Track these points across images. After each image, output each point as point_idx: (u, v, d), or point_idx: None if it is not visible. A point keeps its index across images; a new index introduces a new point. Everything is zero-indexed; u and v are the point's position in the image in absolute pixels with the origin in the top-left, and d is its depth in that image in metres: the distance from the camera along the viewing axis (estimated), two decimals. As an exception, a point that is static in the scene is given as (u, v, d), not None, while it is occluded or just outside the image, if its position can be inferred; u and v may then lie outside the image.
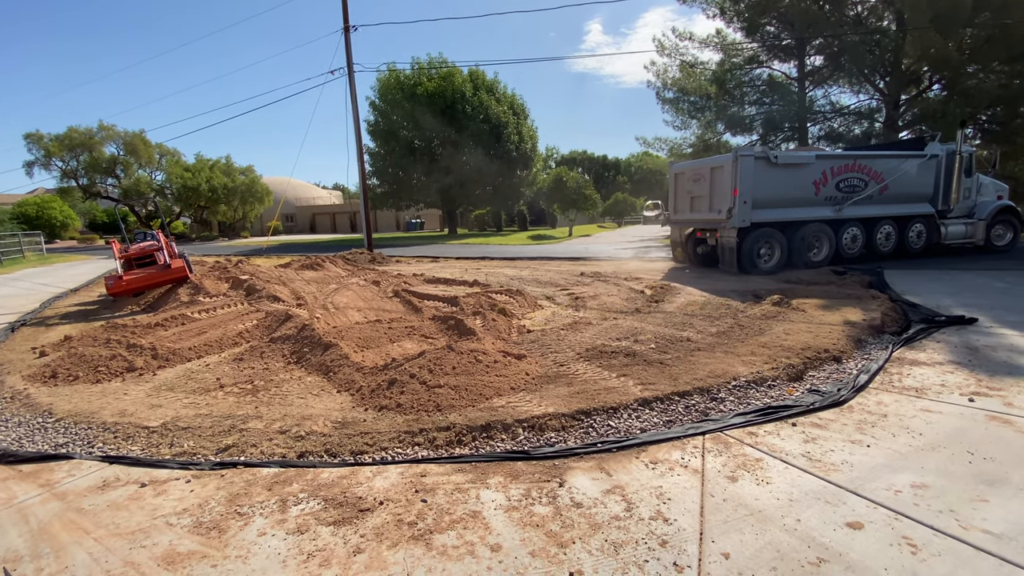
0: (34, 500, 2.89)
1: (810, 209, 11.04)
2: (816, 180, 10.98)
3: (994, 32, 17.16)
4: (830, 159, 11.27)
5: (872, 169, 11.42)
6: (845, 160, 11.35)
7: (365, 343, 5.66)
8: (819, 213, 11.11)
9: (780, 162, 10.54)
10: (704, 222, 11.57)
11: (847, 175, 11.23)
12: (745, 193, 10.27)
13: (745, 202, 10.30)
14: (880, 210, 11.71)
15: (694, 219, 11.91)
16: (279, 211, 43.56)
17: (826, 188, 11.11)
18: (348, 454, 3.33)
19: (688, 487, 2.77)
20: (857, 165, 11.31)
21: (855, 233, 11.63)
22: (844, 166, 11.21)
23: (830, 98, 24.19)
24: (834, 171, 11.10)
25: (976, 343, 5.19)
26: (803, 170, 10.88)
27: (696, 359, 4.78)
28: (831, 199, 11.22)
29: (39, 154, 39.87)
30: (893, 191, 11.67)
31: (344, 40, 19.80)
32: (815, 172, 10.95)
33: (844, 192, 11.29)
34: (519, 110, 35.34)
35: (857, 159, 11.41)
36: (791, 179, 10.78)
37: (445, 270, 13.37)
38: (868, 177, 11.43)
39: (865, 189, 11.41)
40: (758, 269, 10.68)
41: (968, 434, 3.28)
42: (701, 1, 23.01)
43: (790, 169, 10.74)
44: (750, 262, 10.65)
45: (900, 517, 2.44)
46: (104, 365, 5.28)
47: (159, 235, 11.48)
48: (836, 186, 11.18)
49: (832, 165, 11.11)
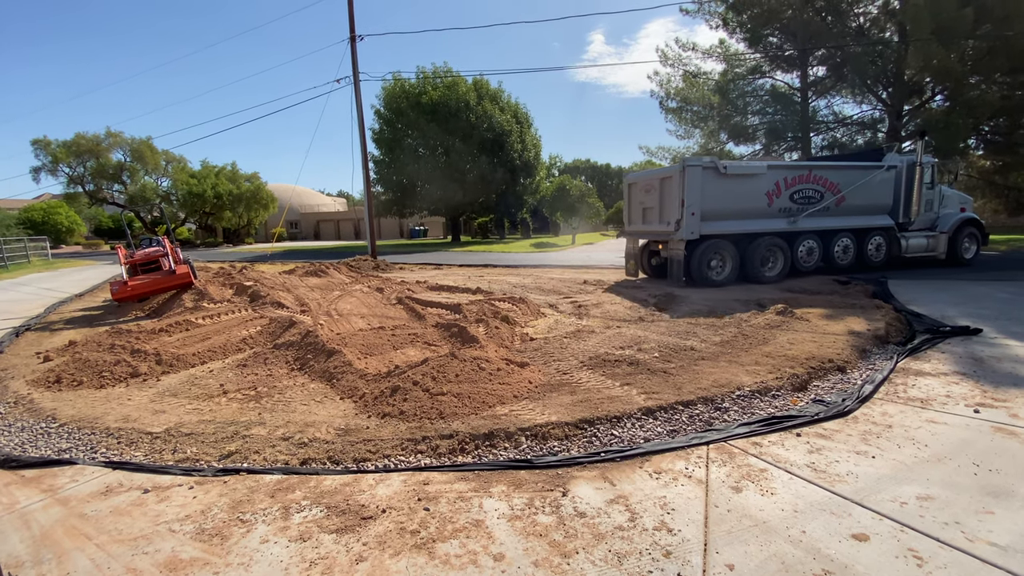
0: (36, 506, 2.90)
1: (763, 221, 10.72)
2: (769, 191, 10.65)
3: (996, 43, 17.23)
4: (783, 169, 10.97)
5: (828, 180, 11.14)
6: (799, 171, 11.04)
7: (368, 350, 5.67)
8: (773, 225, 10.77)
9: (729, 172, 10.23)
10: (654, 234, 11.29)
11: (802, 186, 10.92)
12: (693, 204, 9.97)
13: (693, 213, 9.99)
14: (837, 222, 11.40)
15: (645, 231, 11.62)
16: (283, 218, 43.82)
17: (780, 199, 10.77)
18: (351, 461, 3.33)
19: (692, 497, 2.76)
20: (812, 176, 11.02)
21: (811, 246, 11.27)
22: (798, 177, 10.90)
23: (833, 108, 24.32)
24: (788, 182, 10.78)
25: (981, 354, 5.17)
26: (754, 181, 10.54)
27: (700, 368, 4.77)
28: (785, 211, 10.88)
29: (46, 160, 40.23)
30: (851, 203, 11.38)
31: (350, 49, 19.99)
32: (767, 183, 10.61)
33: (799, 204, 10.97)
34: (523, 119, 35.51)
35: (812, 170, 11.12)
36: (742, 190, 10.45)
37: (448, 277, 13.40)
38: (824, 188, 11.13)
39: (821, 200, 11.11)
40: (708, 282, 10.33)
41: (973, 445, 3.25)
42: (704, 12, 23.21)
43: (740, 180, 10.42)
44: (699, 275, 10.30)
45: (906, 529, 2.42)
46: (108, 370, 5.30)
47: (164, 241, 11.55)
48: (790, 197, 10.86)
49: (785, 176, 10.79)
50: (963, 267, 12.26)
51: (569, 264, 17.18)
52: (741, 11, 21.73)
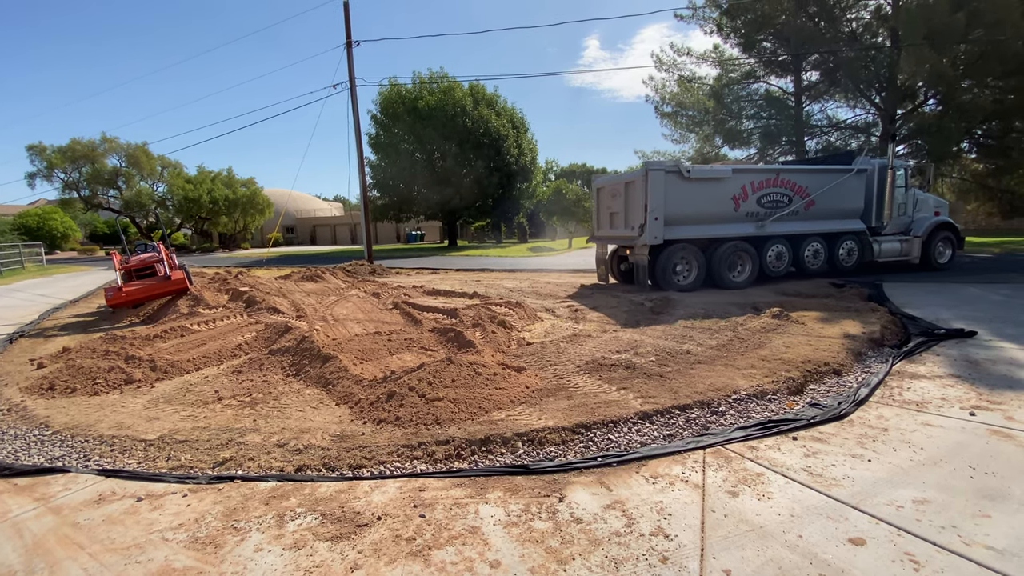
0: (29, 514, 2.87)
1: (730, 226, 10.56)
2: (735, 195, 10.48)
3: (988, 48, 17.41)
4: (750, 173, 10.79)
5: (796, 184, 10.96)
6: (766, 175, 10.86)
7: (364, 355, 5.65)
8: (740, 230, 10.60)
9: (693, 176, 10.05)
10: (620, 239, 11.06)
11: (769, 190, 10.75)
12: (656, 209, 9.79)
13: (656, 218, 9.82)
14: (807, 226, 11.24)
15: (612, 236, 11.38)
16: (280, 223, 43.69)
17: (746, 204, 10.60)
18: (346, 468, 3.31)
19: (689, 502, 2.75)
20: (780, 180, 10.84)
21: (780, 250, 11.11)
22: (766, 181, 10.72)
23: (827, 112, 24.52)
24: (755, 186, 10.60)
25: (976, 356, 5.19)
26: (720, 185, 10.39)
27: (696, 372, 4.77)
28: (753, 215, 10.71)
29: (41, 165, 40.08)
30: (821, 207, 11.22)
31: (347, 55, 20.03)
32: (733, 187, 10.46)
33: (767, 208, 10.77)
34: (519, 123, 35.60)
35: (780, 173, 10.94)
36: (707, 194, 10.30)
37: (445, 282, 13.38)
38: (792, 192, 10.95)
39: (789, 205, 10.93)
40: (673, 287, 10.17)
41: (969, 448, 3.26)
42: (698, 18, 23.38)
43: (705, 184, 10.26)
44: (664, 280, 10.17)
45: (902, 533, 2.42)
46: (102, 377, 5.26)
47: (160, 246, 11.50)
48: (758, 201, 10.67)
49: (752, 180, 10.61)
50: (938, 271, 12.06)
51: (565, 268, 17.19)
52: (735, 16, 21.89)
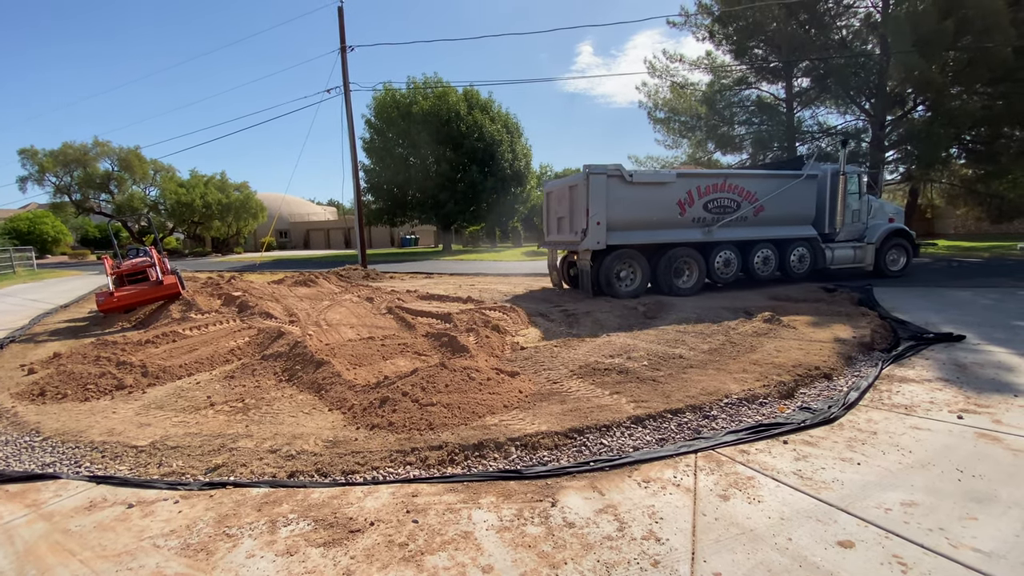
0: (20, 521, 2.85)
1: (676, 231, 10.38)
2: (681, 200, 10.32)
3: (976, 55, 17.65)
4: (696, 178, 10.60)
5: (745, 189, 10.79)
6: (713, 179, 10.68)
7: (358, 360, 5.65)
8: (686, 236, 10.42)
9: (636, 181, 9.87)
10: (566, 244, 10.88)
11: (716, 195, 10.58)
12: (597, 214, 9.63)
13: (598, 223, 9.65)
14: (756, 232, 11.06)
15: (559, 240, 11.22)
16: (273, 227, 43.55)
17: (692, 209, 10.43)
18: (339, 474, 3.30)
19: (680, 506, 2.77)
20: (727, 185, 10.67)
21: (728, 257, 10.92)
22: (712, 185, 10.56)
23: (818, 119, 24.77)
24: (701, 191, 10.44)
25: (964, 360, 5.25)
26: (664, 189, 10.21)
27: (688, 376, 4.80)
28: (700, 220, 10.54)
29: (33, 169, 39.92)
30: (771, 213, 11.04)
31: (341, 59, 20.06)
32: (679, 192, 10.29)
33: (714, 213, 10.62)
34: (513, 129, 35.70)
35: (727, 178, 10.77)
36: (651, 199, 10.13)
37: (439, 286, 13.38)
38: (740, 197, 10.78)
39: (738, 210, 10.76)
40: (617, 294, 10.01)
41: (957, 451, 3.30)
42: (691, 25, 23.59)
43: (649, 188, 10.08)
44: (608, 286, 10.01)
45: (890, 535, 2.45)
46: (93, 383, 5.23)
47: (152, 251, 11.45)
48: (704, 207, 10.51)
49: (698, 184, 10.45)
50: (891, 279, 11.94)
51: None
52: (727, 24, 22.11)
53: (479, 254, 31.70)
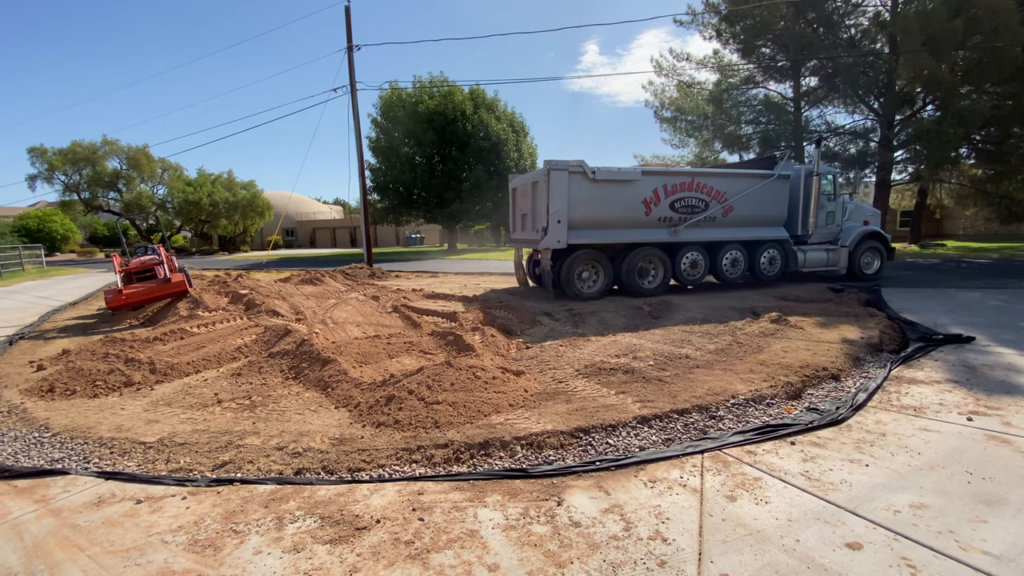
0: (29, 516, 2.87)
1: (641, 231, 10.08)
2: (646, 199, 9.99)
3: (986, 54, 17.52)
4: (662, 176, 10.21)
5: (713, 188, 10.45)
6: (680, 178, 10.28)
7: (364, 358, 5.66)
8: (651, 235, 10.12)
9: (599, 178, 9.54)
10: (529, 242, 10.55)
11: (684, 194, 10.22)
12: (559, 211, 9.33)
13: (559, 221, 9.36)
14: (725, 233, 10.73)
15: (522, 239, 10.93)
16: (279, 225, 43.76)
17: (659, 208, 10.10)
18: (345, 471, 3.31)
19: (687, 506, 2.76)
20: (695, 184, 10.31)
21: (695, 258, 10.62)
22: (680, 184, 10.19)
23: (825, 118, 24.69)
24: (667, 189, 10.09)
25: (973, 362, 5.20)
26: (629, 187, 9.86)
27: (695, 376, 4.78)
28: (666, 220, 10.21)
29: (42, 167, 40.24)
30: (740, 213, 10.71)
31: (348, 59, 20.10)
32: (644, 190, 9.96)
33: (681, 213, 10.28)
34: (519, 128, 35.69)
35: (695, 177, 10.39)
36: (616, 197, 9.80)
37: (444, 285, 13.39)
38: (709, 197, 10.43)
39: (706, 210, 10.42)
40: (580, 294, 9.78)
41: (967, 454, 3.27)
42: (698, 23, 23.51)
43: (613, 186, 9.74)
44: (569, 286, 9.78)
45: (899, 538, 2.43)
46: (102, 379, 5.27)
47: (160, 249, 11.51)
48: (671, 206, 10.17)
49: (665, 183, 10.09)
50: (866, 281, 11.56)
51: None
52: (734, 23, 22.01)
53: (484, 253, 31.71)
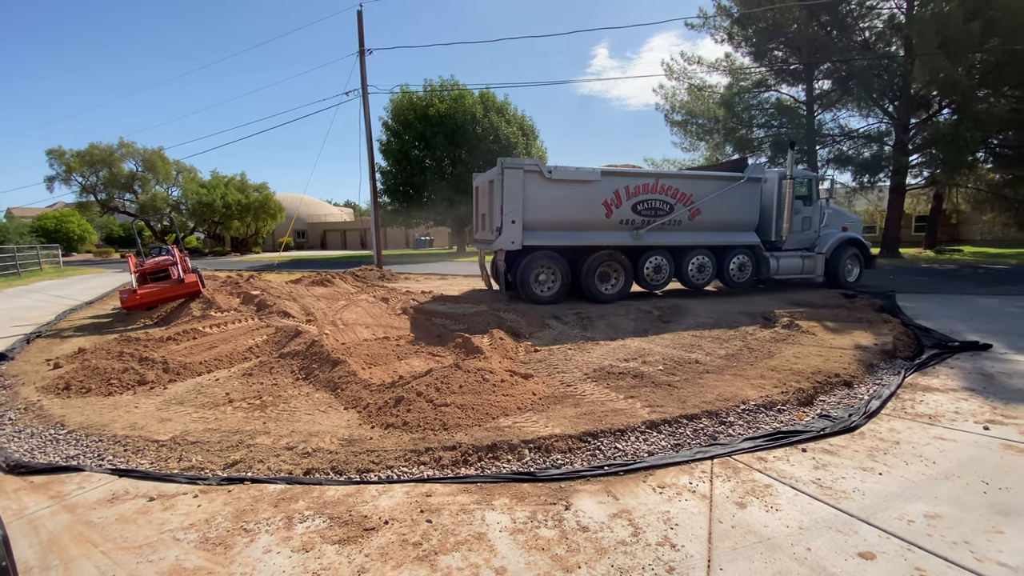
0: (44, 512, 2.92)
1: (601, 233, 9.73)
2: (607, 200, 9.63)
3: (1004, 57, 17.23)
4: (623, 177, 9.80)
5: (679, 191, 10.02)
6: (643, 179, 9.88)
7: (373, 360, 5.69)
8: (612, 238, 9.77)
9: (556, 177, 9.24)
10: (485, 242, 10.24)
11: (647, 196, 9.85)
12: (513, 211, 9.04)
13: (513, 221, 9.06)
14: (691, 238, 10.31)
15: (481, 239, 10.58)
16: (291, 227, 44.15)
17: (620, 210, 9.74)
18: (354, 472, 3.33)
19: (696, 512, 2.74)
20: (660, 186, 9.91)
21: (659, 263, 10.22)
22: (643, 186, 9.81)
23: (839, 121, 24.31)
24: (629, 191, 9.73)
25: (990, 369, 5.12)
26: (588, 188, 9.52)
27: (705, 382, 4.75)
28: (628, 223, 9.85)
29: (60, 169, 40.99)
30: (708, 217, 10.28)
31: (359, 63, 20.26)
32: (604, 191, 9.60)
33: (644, 216, 9.91)
34: (528, 131, 35.75)
35: (659, 178, 9.98)
36: (574, 198, 9.47)
37: (453, 287, 13.42)
38: (674, 200, 10.02)
39: (671, 213, 10.02)
40: (536, 298, 9.52)
41: (983, 463, 3.22)
42: (709, 27, 23.38)
43: (571, 186, 9.41)
44: (525, 288, 9.48)
45: (913, 548, 2.39)
46: (116, 378, 5.35)
47: (174, 250, 11.66)
48: (633, 208, 9.81)
49: (627, 184, 9.72)
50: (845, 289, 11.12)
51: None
52: (746, 25, 21.88)
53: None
